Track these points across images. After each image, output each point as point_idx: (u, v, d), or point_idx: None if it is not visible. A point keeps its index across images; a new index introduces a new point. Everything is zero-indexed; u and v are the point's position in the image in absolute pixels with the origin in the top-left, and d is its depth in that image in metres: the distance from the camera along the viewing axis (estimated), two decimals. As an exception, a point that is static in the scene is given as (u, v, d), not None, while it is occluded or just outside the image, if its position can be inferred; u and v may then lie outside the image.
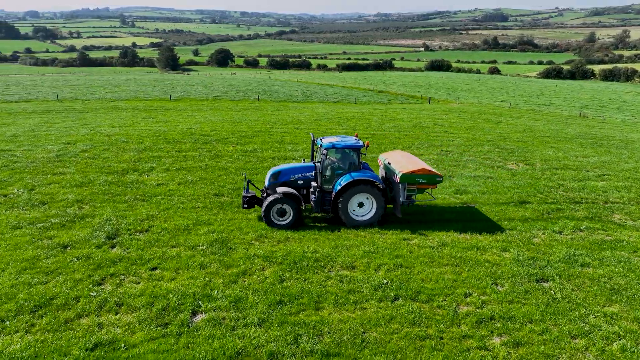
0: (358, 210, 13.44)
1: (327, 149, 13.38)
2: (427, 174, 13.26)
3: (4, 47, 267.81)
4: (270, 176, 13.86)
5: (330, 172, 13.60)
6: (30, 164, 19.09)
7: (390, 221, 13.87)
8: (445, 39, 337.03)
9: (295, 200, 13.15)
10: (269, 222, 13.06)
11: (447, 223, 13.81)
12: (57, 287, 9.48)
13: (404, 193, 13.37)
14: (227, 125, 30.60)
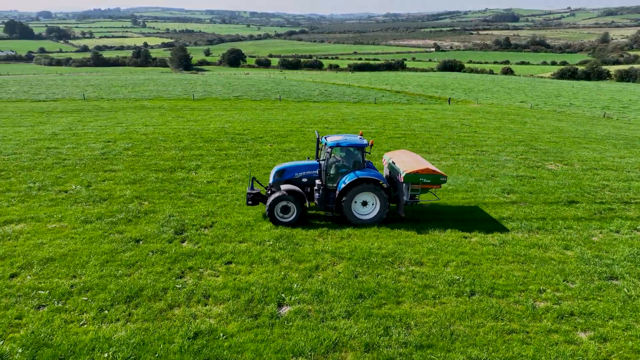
0: (362, 208, 13.49)
1: (332, 147, 13.38)
2: (431, 173, 13.22)
3: (19, 47, 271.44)
4: (275, 174, 13.95)
5: (335, 170, 13.63)
6: (79, 162, 19.54)
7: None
8: (456, 39, 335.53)
9: (299, 197, 13.24)
10: (272, 219, 13.14)
11: (503, 221, 13.96)
12: (142, 279, 9.80)
13: (407, 192, 13.38)
14: (258, 124, 30.94)
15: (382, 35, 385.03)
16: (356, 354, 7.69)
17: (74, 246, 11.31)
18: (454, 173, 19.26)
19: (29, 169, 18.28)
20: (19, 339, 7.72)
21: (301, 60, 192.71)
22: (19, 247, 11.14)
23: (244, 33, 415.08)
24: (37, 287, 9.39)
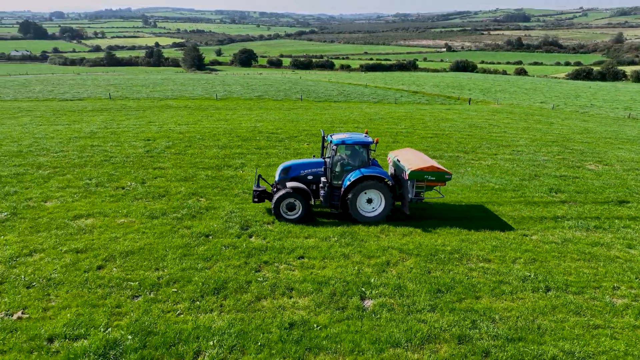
0: (367, 206, 13.59)
1: (337, 145, 13.50)
2: (436, 171, 13.27)
3: (34, 47, 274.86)
4: (281, 171, 14.06)
5: (340, 168, 13.73)
6: (127, 159, 19.95)
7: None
8: (467, 39, 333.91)
9: (304, 195, 13.33)
10: (278, 216, 13.29)
11: (559, 220, 14.10)
12: (223, 272, 10.10)
13: (412, 190, 13.45)
14: (288, 124, 31.25)
15: (392, 36, 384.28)
16: (450, 345, 7.91)
17: (147, 240, 11.65)
18: (497, 173, 19.40)
19: (81, 166, 18.72)
20: (125, 327, 8.04)
21: (313, 60, 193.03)
22: (96, 241, 11.50)
23: (254, 33, 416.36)
24: (126, 278, 9.73)
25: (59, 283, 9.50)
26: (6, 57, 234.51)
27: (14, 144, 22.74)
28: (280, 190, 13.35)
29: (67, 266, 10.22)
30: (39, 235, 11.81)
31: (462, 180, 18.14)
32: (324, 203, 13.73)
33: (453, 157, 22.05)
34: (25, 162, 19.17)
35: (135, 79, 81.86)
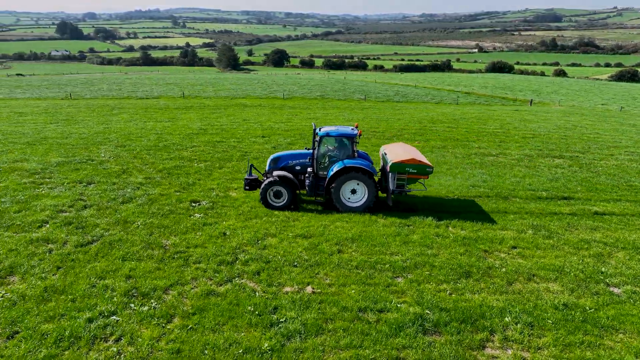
0: (351, 196, 13.94)
1: (322, 137, 13.96)
2: (417, 163, 13.53)
3: (71, 47, 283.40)
4: (271, 161, 14.72)
5: (325, 159, 14.21)
6: (261, 154, 20.96)
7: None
8: (497, 40, 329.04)
9: (290, 184, 13.88)
10: (265, 203, 13.94)
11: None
12: (454, 259, 10.83)
13: (394, 182, 13.77)
14: (383, 123, 31.98)
15: (419, 36, 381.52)
16: None
17: (357, 228, 12.48)
18: (633, 173, 19.64)
19: (228, 160, 19.83)
20: (414, 303, 8.82)
21: (345, 60, 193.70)
22: (311, 228, 12.40)
23: (281, 33, 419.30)
24: (371, 260, 10.57)
25: (314, 264, 10.37)
26: (46, 56, 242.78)
27: (144, 139, 24.08)
28: (268, 179, 13.99)
29: (308, 249, 11.11)
30: (257, 222, 12.78)
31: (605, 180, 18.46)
32: (309, 192, 14.18)
33: (574, 157, 22.36)
34: (173, 155, 20.39)
35: (187, 78, 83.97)
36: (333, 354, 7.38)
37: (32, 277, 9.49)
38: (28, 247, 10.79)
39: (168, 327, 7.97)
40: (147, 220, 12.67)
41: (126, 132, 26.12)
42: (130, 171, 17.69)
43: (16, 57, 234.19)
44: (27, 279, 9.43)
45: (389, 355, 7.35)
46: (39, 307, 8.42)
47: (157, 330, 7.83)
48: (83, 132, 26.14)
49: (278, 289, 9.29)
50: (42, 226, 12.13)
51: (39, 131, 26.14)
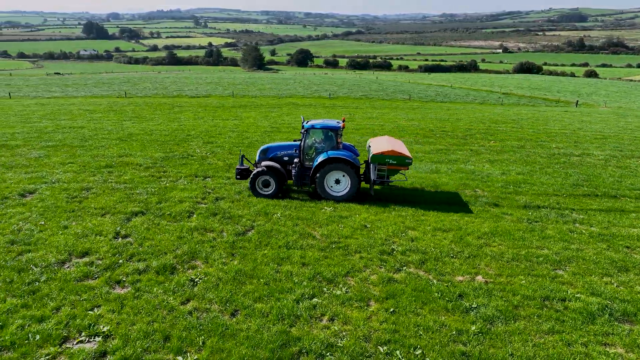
0: (335, 186, 14.59)
1: (308, 129, 14.70)
2: (397, 155, 14.16)
3: (98, 46, 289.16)
4: (260, 152, 15.46)
5: (311, 150, 14.87)
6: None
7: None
8: (520, 40, 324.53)
9: (277, 173, 14.58)
10: (254, 192, 14.68)
11: None
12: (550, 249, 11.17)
13: (374, 172, 14.45)
14: (446, 123, 32.26)
15: (441, 36, 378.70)
16: None
17: (493, 224, 12.90)
18: None
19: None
20: (583, 292, 9.21)
21: (370, 61, 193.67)
22: (446, 221, 12.86)
23: (302, 33, 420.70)
24: (518, 254, 10.97)
25: (470, 256, 10.81)
26: (75, 56, 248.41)
27: (225, 136, 24.86)
28: (257, 169, 14.69)
29: (455, 242, 11.56)
30: (388, 215, 13.30)
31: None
32: (295, 182, 14.92)
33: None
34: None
35: (224, 77, 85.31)
36: (538, 337, 7.80)
37: (215, 261, 10.16)
38: (193, 235, 11.50)
39: (370, 309, 8.51)
40: (285, 212, 13.28)
41: (203, 130, 26.95)
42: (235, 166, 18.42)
43: (46, 56, 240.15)
44: (211, 263, 10.10)
45: (597, 340, 7.74)
46: (240, 289, 9.05)
47: (363, 312, 8.37)
48: (162, 129, 27.07)
49: (450, 277, 9.76)
50: (190, 216, 12.86)
51: (121, 128, 27.18)
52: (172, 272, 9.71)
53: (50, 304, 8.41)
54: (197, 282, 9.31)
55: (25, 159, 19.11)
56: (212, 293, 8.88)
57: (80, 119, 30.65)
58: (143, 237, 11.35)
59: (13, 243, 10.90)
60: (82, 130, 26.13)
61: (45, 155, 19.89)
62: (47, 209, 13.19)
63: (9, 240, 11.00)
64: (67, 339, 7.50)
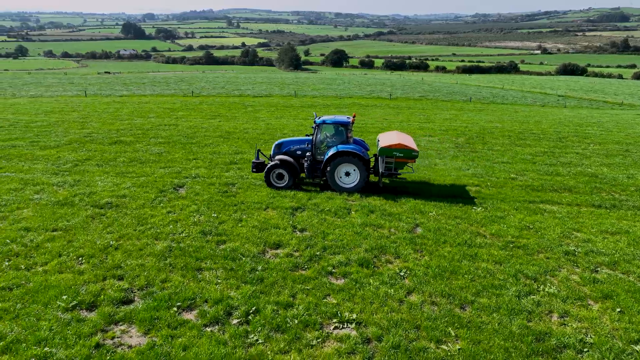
0: (345, 178, 15.16)
1: (319, 124, 15.34)
2: (403, 148, 14.65)
3: (136, 46, 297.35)
4: (275, 147, 16.15)
5: (323, 144, 15.53)
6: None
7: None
8: (559, 41, 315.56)
9: (291, 167, 15.27)
10: (268, 184, 15.42)
11: None
12: None
13: (382, 165, 15.04)
14: (528, 125, 31.86)
15: (475, 37, 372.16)
16: None
17: None
18: None
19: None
20: None
21: (406, 61, 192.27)
22: (608, 225, 12.83)
23: (333, 34, 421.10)
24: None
25: None
26: (115, 55, 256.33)
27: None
28: (272, 162, 15.37)
29: (634, 245, 11.53)
30: (539, 217, 13.36)
31: None
32: (307, 175, 15.55)
33: None
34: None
35: (273, 77, 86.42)
36: None
37: (407, 257, 10.50)
38: (367, 231, 11.88)
39: (594, 308, 8.64)
40: (439, 211, 13.54)
41: (293, 129, 27.52)
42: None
43: (89, 55, 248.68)
44: (405, 258, 10.44)
45: None
46: (451, 283, 9.34)
47: (589, 311, 8.51)
48: (254, 127, 27.79)
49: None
50: (349, 212, 13.27)
51: (213, 126, 28.03)
52: (374, 266, 10.09)
53: (284, 291, 8.91)
54: (405, 276, 9.66)
55: (149, 155, 20.04)
56: (427, 287, 9.20)
57: (167, 117, 31.76)
58: (322, 231, 11.80)
59: (205, 234, 11.55)
60: (178, 128, 27.10)
61: (166, 151, 20.79)
62: (210, 202, 13.87)
63: (200, 231, 11.67)
64: (322, 325, 7.95)
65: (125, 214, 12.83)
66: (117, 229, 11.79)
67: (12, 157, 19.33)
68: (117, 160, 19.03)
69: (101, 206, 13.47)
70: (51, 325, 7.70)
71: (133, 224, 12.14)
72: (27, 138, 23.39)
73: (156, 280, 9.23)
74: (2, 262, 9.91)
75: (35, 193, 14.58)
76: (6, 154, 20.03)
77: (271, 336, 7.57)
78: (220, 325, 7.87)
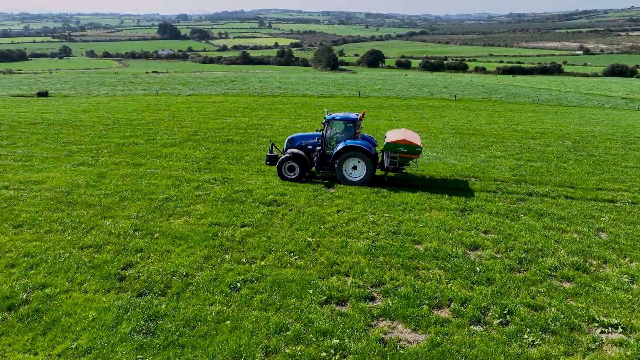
0: (353, 172, 15.93)
1: (328, 120, 16.22)
2: (407, 144, 15.36)
3: (172, 46, 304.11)
4: (287, 141, 17.13)
5: (332, 139, 16.37)
6: None
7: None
8: (601, 41, 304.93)
9: (301, 160, 16.15)
10: (280, 176, 16.34)
11: None
12: None
13: (387, 160, 15.75)
14: (621, 129, 30.99)
15: (510, 37, 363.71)
16: None
17: None
18: None
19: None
20: None
21: (444, 62, 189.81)
22: None
23: (364, 34, 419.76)
24: None
25: None
26: (153, 55, 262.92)
27: (479, 136, 25.30)
28: (284, 156, 16.22)
29: None
30: None
31: None
32: (317, 167, 16.50)
33: None
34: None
35: (321, 77, 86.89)
36: None
37: (618, 262, 10.37)
38: (550, 232, 11.82)
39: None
40: (611, 217, 13.32)
41: (431, 129, 27.60)
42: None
43: (128, 55, 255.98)
44: (615, 263, 10.32)
45: None
46: None
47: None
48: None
49: None
50: (521, 216, 13.22)
51: (310, 126, 28.38)
52: (593, 270, 10.01)
53: (520, 292, 8.96)
54: (633, 281, 9.55)
55: (271, 153, 20.46)
56: None
57: (251, 117, 32.36)
58: (508, 234, 11.82)
59: (394, 233, 11.73)
60: (273, 128, 27.57)
61: (284, 150, 21.18)
62: (370, 202, 14.07)
63: (388, 230, 11.85)
64: (588, 328, 7.95)
65: (299, 212, 13.15)
66: (303, 226, 12.11)
67: (144, 154, 20.12)
68: (245, 159, 19.53)
69: (268, 203, 13.86)
70: (320, 318, 7.98)
71: (314, 221, 12.43)
72: (140, 136, 24.29)
73: (384, 278, 9.43)
74: (222, 255, 10.34)
75: (195, 189, 15.13)
76: (135, 150, 20.88)
77: (545, 337, 7.62)
78: (483, 325, 7.97)
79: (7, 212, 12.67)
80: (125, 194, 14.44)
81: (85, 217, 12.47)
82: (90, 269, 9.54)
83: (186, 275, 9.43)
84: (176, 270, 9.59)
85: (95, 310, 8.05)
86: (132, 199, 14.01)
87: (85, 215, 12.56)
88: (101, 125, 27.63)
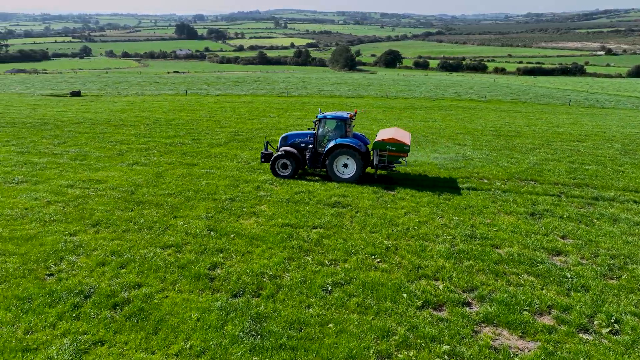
0: (343, 169, 16.25)
1: (321, 119, 16.55)
2: (395, 142, 15.65)
3: (190, 46, 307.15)
4: (281, 139, 17.51)
5: (324, 138, 16.64)
6: None
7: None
8: (623, 41, 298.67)
9: (294, 157, 16.52)
10: (274, 173, 16.71)
11: None
12: None
13: (377, 158, 16.02)
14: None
15: (529, 37, 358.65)
16: None
17: None
18: None
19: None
20: None
21: (463, 62, 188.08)
22: None
23: (380, 34, 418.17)
24: None
25: None
26: (171, 55, 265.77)
27: (530, 138, 25.02)
28: (277, 153, 16.62)
29: None
30: None
31: None
32: (309, 165, 16.81)
33: None
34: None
35: (344, 77, 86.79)
36: None
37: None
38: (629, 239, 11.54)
39: None
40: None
41: (454, 132, 27.35)
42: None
43: (147, 55, 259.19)
44: None
45: None
46: None
47: None
48: (425, 127, 27.84)
49: None
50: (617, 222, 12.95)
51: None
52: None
53: (621, 301, 8.73)
54: None
55: (319, 154, 20.43)
56: None
57: (286, 117, 32.47)
58: (589, 239, 11.56)
59: (470, 237, 11.55)
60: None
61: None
62: (436, 204, 13.92)
63: (464, 234, 11.70)
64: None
65: (366, 214, 13.07)
66: (375, 228, 12.02)
67: (194, 154, 20.27)
68: (295, 160, 19.52)
69: (333, 205, 13.81)
70: (423, 323, 7.89)
71: (385, 224, 12.34)
72: (184, 136, 24.50)
73: (475, 283, 9.29)
74: (303, 257, 10.31)
75: (255, 190, 15.16)
76: (184, 150, 21.05)
77: (665, 348, 7.41)
78: (592, 334, 7.78)
79: (80, 211, 12.85)
80: (188, 194, 14.53)
81: (156, 216, 12.58)
82: (179, 269, 9.60)
83: (274, 276, 9.42)
84: (263, 271, 9.59)
85: (196, 311, 8.08)
86: (196, 199, 14.09)
87: (155, 215, 12.67)
88: (142, 125, 27.96)
